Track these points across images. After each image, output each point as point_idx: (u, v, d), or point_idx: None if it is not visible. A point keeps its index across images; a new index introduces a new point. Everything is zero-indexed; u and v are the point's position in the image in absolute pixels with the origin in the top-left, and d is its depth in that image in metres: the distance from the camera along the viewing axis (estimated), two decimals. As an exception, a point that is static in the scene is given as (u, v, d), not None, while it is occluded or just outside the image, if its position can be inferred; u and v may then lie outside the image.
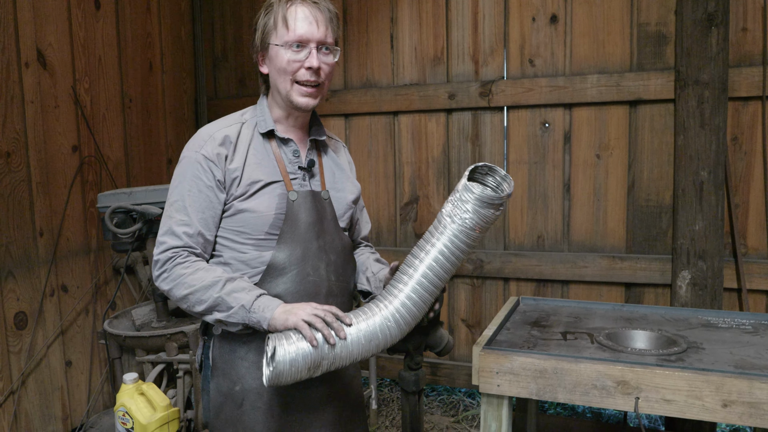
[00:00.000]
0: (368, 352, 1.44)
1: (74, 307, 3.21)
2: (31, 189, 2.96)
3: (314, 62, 1.56)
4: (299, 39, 1.55)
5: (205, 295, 1.49)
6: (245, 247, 1.59)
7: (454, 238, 1.43)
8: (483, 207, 1.40)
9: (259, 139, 1.64)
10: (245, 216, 1.57)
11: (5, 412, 2.85)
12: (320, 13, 1.57)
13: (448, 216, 1.43)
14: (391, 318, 1.44)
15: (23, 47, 2.90)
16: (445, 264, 1.44)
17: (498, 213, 1.43)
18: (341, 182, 1.75)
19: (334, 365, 1.41)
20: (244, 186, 1.57)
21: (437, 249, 1.44)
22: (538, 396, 1.82)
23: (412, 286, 1.45)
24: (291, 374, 1.36)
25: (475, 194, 1.39)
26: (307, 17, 1.56)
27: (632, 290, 3.26)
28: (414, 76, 3.60)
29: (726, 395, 1.61)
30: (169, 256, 1.55)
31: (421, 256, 1.46)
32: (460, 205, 1.41)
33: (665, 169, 3.15)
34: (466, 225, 1.41)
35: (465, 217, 1.41)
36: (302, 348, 1.36)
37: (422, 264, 1.45)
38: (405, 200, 3.69)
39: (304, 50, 1.56)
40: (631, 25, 3.15)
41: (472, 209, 1.40)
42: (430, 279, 1.44)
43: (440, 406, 3.68)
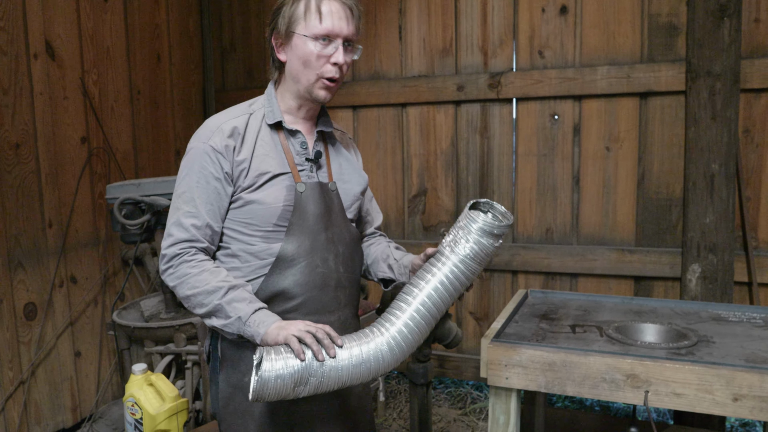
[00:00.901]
0: (358, 377, 1.42)
1: (83, 298, 3.22)
2: (40, 180, 2.97)
3: (340, 58, 1.54)
4: (329, 32, 1.53)
5: (207, 299, 1.49)
6: (253, 238, 1.58)
7: (454, 267, 1.45)
8: (484, 236, 1.43)
9: (267, 130, 1.63)
10: (253, 207, 1.56)
11: (15, 402, 2.87)
12: (350, 10, 1.56)
13: (448, 246, 1.46)
14: (386, 344, 1.43)
15: (32, 39, 2.90)
16: (444, 294, 1.46)
17: (497, 244, 1.46)
18: (348, 174, 1.75)
19: (321, 386, 1.39)
20: (252, 177, 1.56)
21: (437, 279, 1.46)
22: (546, 389, 1.81)
23: (409, 314, 1.45)
24: (276, 389, 1.34)
25: (478, 223, 1.43)
26: (338, 12, 1.54)
27: (641, 283, 3.24)
28: (422, 68, 3.58)
29: (737, 389, 1.60)
30: (176, 251, 1.54)
31: (421, 285, 1.47)
32: (462, 235, 1.44)
33: (676, 161, 3.12)
34: (467, 255, 1.44)
35: (466, 247, 1.44)
36: (290, 363, 1.34)
37: (421, 293, 1.46)
38: (413, 192, 3.68)
39: (331, 45, 1.54)
40: (642, 16, 3.11)
41: (474, 239, 1.43)
42: (428, 307, 1.45)
43: (448, 398, 3.68)
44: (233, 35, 4.07)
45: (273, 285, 1.58)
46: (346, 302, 1.69)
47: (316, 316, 1.60)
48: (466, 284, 1.49)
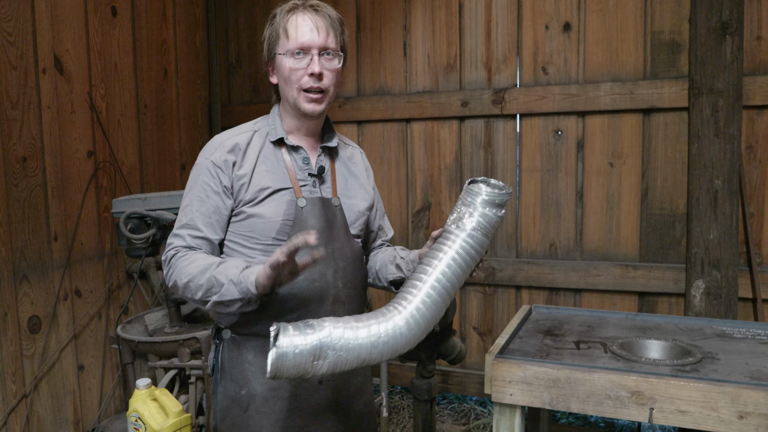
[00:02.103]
0: (378, 354, 1.39)
1: (87, 311, 3.23)
2: (47, 194, 2.98)
3: (315, 68, 1.57)
4: (300, 46, 1.57)
5: (201, 279, 1.50)
6: (253, 251, 1.61)
7: (464, 243, 1.44)
8: (487, 207, 1.43)
9: (270, 146, 1.66)
10: (253, 221, 1.60)
11: (18, 416, 2.87)
12: (321, 19, 1.59)
13: (454, 224, 1.46)
14: (404, 322, 1.41)
15: (41, 53, 2.93)
16: (457, 270, 1.44)
17: (501, 214, 1.46)
18: (353, 189, 1.76)
19: (339, 361, 1.35)
20: (253, 192, 1.60)
21: (449, 256, 1.44)
22: (551, 406, 1.80)
23: (425, 291, 1.44)
24: (295, 363, 1.30)
25: (481, 195, 1.43)
26: (307, 24, 1.58)
27: (645, 299, 3.24)
28: (427, 84, 3.61)
29: (742, 407, 1.59)
30: (172, 254, 1.60)
31: (434, 263, 1.45)
32: (466, 210, 1.44)
33: (679, 177, 3.13)
34: (474, 227, 1.44)
35: (472, 220, 1.43)
36: (308, 338, 1.31)
37: (435, 270, 1.44)
38: (417, 207, 3.69)
39: (306, 57, 1.58)
40: (644, 33, 3.14)
41: (478, 212, 1.43)
42: (443, 284, 1.44)
43: (451, 414, 3.66)
44: (239, 51, 4.11)
45: (270, 304, 1.59)
46: None
47: None
48: (476, 258, 1.48)
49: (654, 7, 3.11)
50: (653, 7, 3.11)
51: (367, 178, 1.85)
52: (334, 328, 1.35)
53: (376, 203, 1.88)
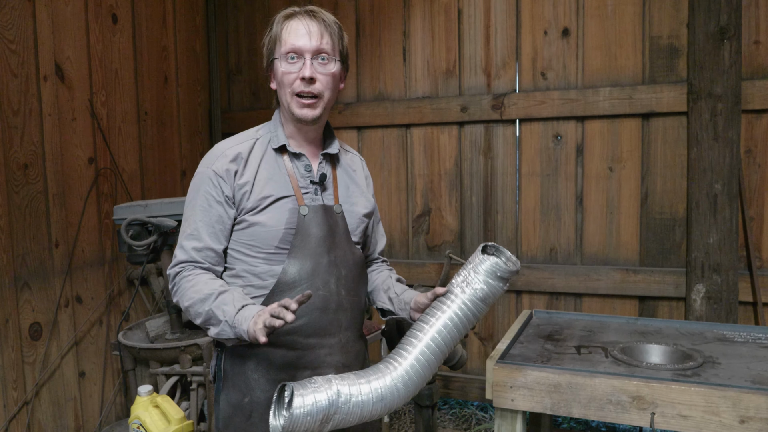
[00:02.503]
0: (377, 412, 1.44)
1: (88, 318, 3.23)
2: (48, 200, 2.99)
3: (306, 72, 1.57)
4: (292, 50, 1.57)
5: (201, 308, 1.51)
6: (256, 260, 1.61)
7: (463, 306, 1.50)
8: (493, 278, 1.49)
9: (272, 154, 1.66)
10: (255, 230, 1.60)
11: (19, 423, 2.86)
12: (316, 24, 1.59)
13: (459, 286, 1.52)
14: (400, 380, 1.45)
15: (42, 61, 2.94)
16: (453, 331, 1.50)
17: (504, 288, 1.53)
18: (354, 196, 1.76)
19: (342, 423, 1.40)
20: (255, 200, 1.59)
21: (447, 316, 1.50)
22: (552, 411, 1.81)
23: (420, 349, 1.48)
24: (304, 425, 1.34)
25: (487, 264, 1.50)
26: (301, 28, 1.58)
27: (646, 303, 3.24)
28: (426, 89, 3.62)
29: (743, 411, 1.60)
30: (176, 271, 1.61)
31: (431, 321, 1.51)
32: (474, 276, 1.50)
33: (678, 181, 3.14)
34: (477, 295, 1.50)
35: (477, 288, 1.49)
36: (318, 398, 1.35)
37: (432, 329, 1.50)
38: (417, 212, 3.70)
39: (299, 61, 1.58)
40: (643, 39, 3.15)
41: (484, 280, 1.49)
42: (438, 343, 1.49)
43: (452, 419, 3.66)
44: (239, 57, 4.12)
45: None
46: (348, 325, 1.69)
47: (316, 338, 1.62)
48: (473, 323, 1.53)
49: (652, 12, 3.12)
50: (651, 12, 3.13)
51: (367, 186, 1.85)
52: (341, 386, 1.39)
53: (375, 213, 1.88)
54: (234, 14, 4.10)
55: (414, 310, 1.65)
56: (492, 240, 3.53)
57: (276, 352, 1.62)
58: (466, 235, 3.60)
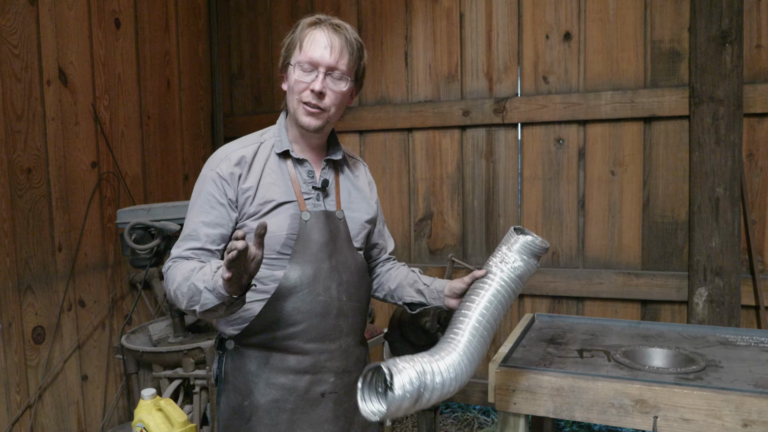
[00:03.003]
0: (452, 390, 1.41)
1: (91, 321, 3.23)
2: (51, 204, 3.00)
3: (317, 86, 1.57)
4: (309, 61, 1.58)
5: (184, 287, 1.47)
6: None
7: (503, 283, 1.55)
8: (528, 255, 1.56)
9: (276, 158, 1.66)
10: None
11: (22, 426, 2.87)
12: (338, 40, 1.60)
13: (496, 265, 1.57)
14: (465, 355, 1.46)
15: (45, 66, 2.95)
16: (498, 306, 1.54)
17: (537, 265, 1.60)
18: (357, 202, 1.76)
19: (427, 402, 1.36)
20: (257, 205, 1.60)
21: (490, 293, 1.54)
22: (555, 414, 1.81)
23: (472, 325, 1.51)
24: (404, 406, 1.29)
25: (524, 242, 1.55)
26: (322, 41, 1.58)
27: (648, 307, 3.24)
28: (428, 93, 3.63)
29: (746, 414, 1.60)
30: (169, 264, 1.61)
31: (476, 300, 1.54)
32: (509, 254, 1.57)
33: (680, 185, 3.14)
34: (516, 272, 1.55)
35: (514, 265, 1.55)
36: (412, 377, 1.30)
37: (478, 306, 1.53)
38: (419, 216, 3.70)
39: (313, 73, 1.58)
40: (644, 42, 3.16)
41: (519, 258, 1.55)
42: (487, 318, 1.52)
43: (455, 423, 3.66)
44: (241, 61, 4.14)
45: (274, 311, 1.60)
46: (348, 331, 1.69)
47: (316, 344, 1.63)
48: (513, 299, 1.58)
49: (654, 16, 3.13)
50: (653, 16, 3.13)
51: (370, 192, 1.85)
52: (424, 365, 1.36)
53: (379, 216, 1.88)
54: (236, 19, 4.12)
55: (449, 297, 1.66)
56: (494, 244, 3.53)
57: (276, 356, 1.63)
58: (468, 239, 3.60)
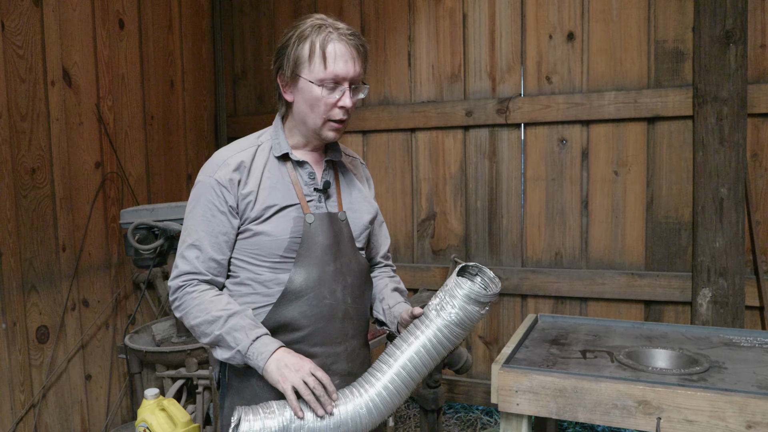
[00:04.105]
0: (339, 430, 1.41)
1: (95, 321, 3.24)
2: (55, 204, 3.01)
3: (348, 102, 1.54)
4: (335, 77, 1.52)
5: (209, 329, 1.51)
6: (261, 269, 1.59)
7: (438, 332, 1.45)
8: (470, 303, 1.43)
9: (275, 161, 1.63)
10: (260, 239, 1.57)
11: (26, 425, 2.88)
12: (355, 50, 1.54)
13: (434, 309, 1.46)
14: (364, 407, 1.43)
15: (50, 66, 2.96)
16: (425, 357, 1.46)
17: (483, 312, 1.46)
18: (358, 202, 1.74)
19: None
20: (259, 210, 1.57)
21: (420, 342, 1.46)
22: (558, 415, 1.81)
23: (390, 376, 1.45)
24: None
25: (464, 290, 1.42)
26: (343, 55, 1.52)
27: (652, 308, 3.23)
28: (431, 94, 3.63)
29: (750, 416, 1.59)
30: (179, 284, 1.59)
31: (403, 347, 1.47)
32: (449, 300, 1.44)
33: (684, 185, 3.13)
34: (452, 320, 1.44)
35: (451, 312, 1.43)
36: (267, 424, 1.35)
37: (403, 355, 1.46)
38: (422, 216, 3.70)
39: (338, 89, 1.54)
40: (648, 42, 3.15)
41: (459, 305, 1.43)
42: (409, 371, 1.45)
43: (457, 423, 3.66)
44: (245, 62, 4.14)
45: (280, 315, 1.58)
46: (354, 333, 1.68)
47: (322, 347, 1.61)
48: (449, 348, 1.48)
49: (657, 16, 3.12)
50: (657, 16, 3.13)
51: (369, 189, 1.83)
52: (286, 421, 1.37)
53: (375, 217, 1.84)
54: (240, 19, 4.12)
55: (401, 325, 1.63)
56: (497, 245, 3.53)
57: None
58: (471, 240, 3.60)
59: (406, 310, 1.60)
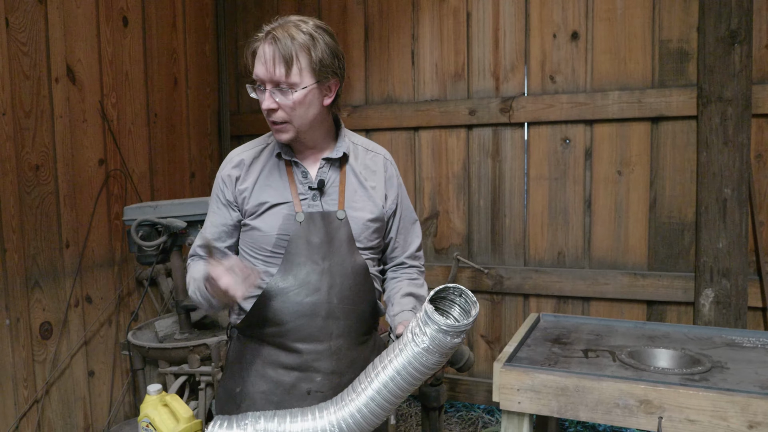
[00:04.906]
0: None
1: (98, 318, 3.25)
2: (59, 201, 3.02)
3: (264, 104, 1.58)
4: (257, 78, 1.59)
5: (191, 294, 1.65)
6: (256, 261, 1.68)
7: (413, 359, 1.39)
8: (442, 333, 1.37)
9: (275, 161, 1.70)
10: (254, 233, 1.67)
11: (29, 421, 2.89)
12: (278, 51, 1.53)
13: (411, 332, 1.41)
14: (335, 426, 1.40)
15: (53, 63, 2.97)
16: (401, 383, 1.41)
17: (457, 340, 1.39)
18: (360, 201, 1.70)
19: None
20: (253, 206, 1.66)
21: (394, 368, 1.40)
22: (559, 414, 1.81)
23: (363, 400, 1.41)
24: None
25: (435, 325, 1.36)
26: (262, 57, 1.56)
27: (654, 308, 3.23)
28: (435, 92, 3.63)
29: (752, 416, 1.59)
30: (188, 262, 1.79)
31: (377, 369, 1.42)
32: (422, 328, 1.38)
33: (688, 186, 3.13)
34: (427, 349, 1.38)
35: (424, 339, 1.37)
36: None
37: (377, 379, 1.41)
38: (425, 215, 3.70)
39: (261, 90, 1.59)
40: (652, 42, 3.15)
41: (431, 335, 1.36)
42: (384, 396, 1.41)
43: (459, 422, 3.66)
44: (248, 59, 4.14)
45: (264, 307, 1.64)
46: (340, 333, 1.66)
47: (304, 344, 1.64)
48: (427, 373, 1.42)
49: (662, 15, 3.12)
50: (661, 15, 3.12)
51: (388, 187, 1.77)
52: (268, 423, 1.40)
53: (398, 214, 1.79)
54: (243, 17, 4.13)
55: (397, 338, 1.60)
56: (499, 244, 3.53)
57: (268, 350, 1.68)
58: (473, 239, 3.60)
59: (403, 322, 1.58)
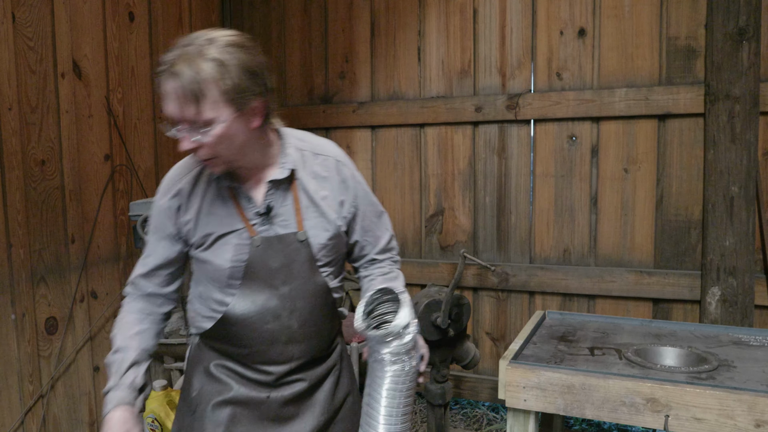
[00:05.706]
0: None
1: (103, 313, 3.26)
2: (64, 196, 3.02)
3: (182, 145, 1.40)
4: (168, 118, 1.39)
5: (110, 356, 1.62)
6: (210, 288, 1.59)
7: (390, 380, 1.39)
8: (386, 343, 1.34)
9: (216, 185, 1.56)
10: (205, 266, 1.57)
11: (35, 416, 2.90)
12: (181, 87, 1.33)
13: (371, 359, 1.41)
14: None
15: (60, 58, 2.97)
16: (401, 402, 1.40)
17: (408, 338, 1.37)
18: (312, 220, 1.59)
19: None
20: (200, 237, 1.55)
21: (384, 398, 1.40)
22: (565, 412, 1.80)
23: None
24: None
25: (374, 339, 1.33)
26: (169, 94, 1.35)
27: (660, 306, 3.22)
28: (441, 89, 3.62)
29: (759, 415, 1.58)
30: (127, 291, 1.67)
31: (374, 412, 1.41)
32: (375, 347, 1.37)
33: (694, 183, 3.11)
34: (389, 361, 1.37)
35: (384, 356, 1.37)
36: None
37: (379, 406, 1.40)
38: (430, 212, 3.70)
39: (179, 129, 1.39)
40: (660, 39, 3.13)
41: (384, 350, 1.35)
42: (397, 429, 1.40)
43: (463, 419, 3.66)
44: (254, 55, 4.13)
45: (224, 331, 1.57)
46: (301, 354, 1.60)
47: (265, 366, 1.58)
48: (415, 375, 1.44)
49: (670, 12, 3.10)
50: (669, 12, 3.10)
51: (342, 191, 1.64)
52: None
53: (360, 215, 1.68)
54: (249, 13, 4.12)
55: None
56: (505, 241, 3.52)
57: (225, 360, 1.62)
58: (479, 236, 3.60)
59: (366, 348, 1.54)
